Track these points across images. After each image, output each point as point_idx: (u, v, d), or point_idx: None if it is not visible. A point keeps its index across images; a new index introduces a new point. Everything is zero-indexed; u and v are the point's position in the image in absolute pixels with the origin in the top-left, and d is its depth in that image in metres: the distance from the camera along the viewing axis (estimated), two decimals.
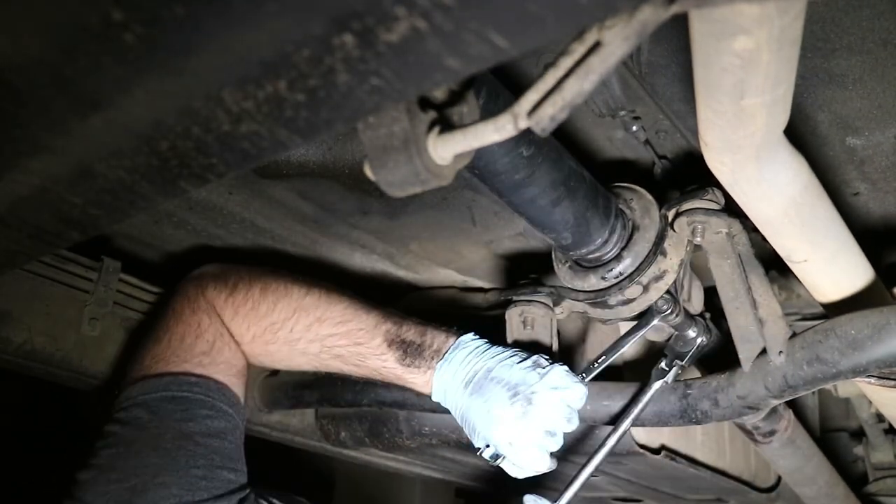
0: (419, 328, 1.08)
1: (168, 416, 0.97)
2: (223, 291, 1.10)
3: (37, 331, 1.18)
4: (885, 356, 0.84)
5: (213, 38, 0.40)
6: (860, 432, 2.07)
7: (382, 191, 0.58)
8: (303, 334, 1.08)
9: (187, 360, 1.03)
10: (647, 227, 0.98)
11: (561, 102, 0.47)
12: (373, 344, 1.07)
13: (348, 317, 1.08)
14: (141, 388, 1.00)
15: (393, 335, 1.07)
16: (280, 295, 1.09)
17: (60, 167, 0.54)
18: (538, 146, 0.80)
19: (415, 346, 1.06)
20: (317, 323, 1.08)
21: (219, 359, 1.06)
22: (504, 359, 1.01)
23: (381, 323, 1.08)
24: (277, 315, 1.08)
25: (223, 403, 1.03)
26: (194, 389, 1.01)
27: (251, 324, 1.09)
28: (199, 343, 1.05)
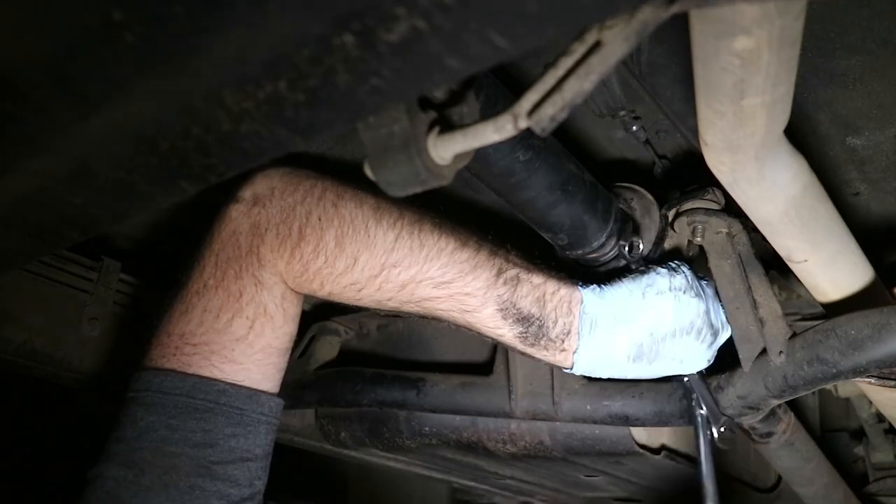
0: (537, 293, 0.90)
1: (187, 438, 0.83)
2: (287, 243, 0.86)
3: (37, 331, 1.18)
4: (885, 356, 0.84)
5: (213, 38, 0.40)
6: (860, 432, 2.06)
7: (382, 191, 0.58)
8: (395, 294, 0.89)
9: (217, 349, 0.86)
10: (648, 227, 0.98)
11: (561, 102, 0.47)
12: (484, 313, 0.89)
13: (451, 276, 0.88)
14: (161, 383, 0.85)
15: (507, 303, 0.89)
16: (361, 247, 0.86)
17: (60, 167, 0.54)
18: (536, 149, 0.80)
19: (535, 321, 0.89)
20: (412, 283, 0.88)
21: (256, 345, 0.88)
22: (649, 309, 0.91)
23: (492, 286, 0.89)
24: (359, 273, 0.87)
25: (254, 412, 0.88)
26: (221, 400, 0.85)
27: (325, 282, 0.88)
28: (235, 323, 0.86)
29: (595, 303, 0.92)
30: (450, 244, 0.89)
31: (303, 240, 0.86)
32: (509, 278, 0.90)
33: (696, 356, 0.95)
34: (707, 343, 0.94)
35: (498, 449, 1.31)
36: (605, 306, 0.92)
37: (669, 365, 0.94)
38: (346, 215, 0.88)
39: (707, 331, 0.94)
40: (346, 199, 0.89)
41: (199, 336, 0.86)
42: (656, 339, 0.92)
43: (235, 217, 0.89)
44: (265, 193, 0.89)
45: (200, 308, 0.87)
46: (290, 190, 0.89)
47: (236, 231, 0.88)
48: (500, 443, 1.30)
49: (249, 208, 0.88)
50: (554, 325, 0.90)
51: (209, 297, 0.87)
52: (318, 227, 0.87)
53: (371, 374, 1.24)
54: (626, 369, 0.93)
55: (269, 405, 0.90)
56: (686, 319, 0.93)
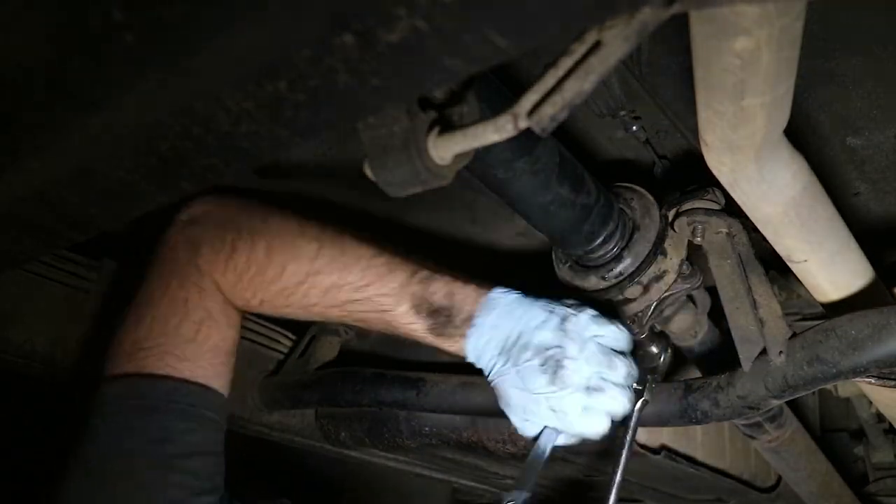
0: (448, 288, 0.97)
1: (144, 436, 0.88)
2: (221, 254, 0.95)
3: (37, 331, 1.18)
4: (885, 356, 0.84)
5: (213, 38, 0.40)
6: (860, 432, 2.07)
7: (382, 191, 0.58)
8: (319, 300, 0.97)
9: (170, 350, 0.92)
10: (648, 227, 0.98)
11: (561, 102, 0.47)
12: (399, 311, 0.97)
13: (368, 279, 0.96)
14: (117, 391, 0.91)
15: (420, 300, 0.96)
16: (288, 256, 0.96)
17: (60, 167, 0.54)
18: (535, 152, 0.80)
19: (444, 313, 0.96)
20: (334, 289, 0.96)
21: (205, 346, 0.95)
22: (532, 318, 0.93)
23: (406, 285, 0.97)
24: (287, 280, 0.96)
25: (205, 409, 0.93)
26: (174, 397, 0.91)
27: (258, 290, 0.96)
28: (184, 326, 0.94)
29: (499, 297, 0.96)
30: (368, 251, 0.98)
31: (235, 251, 0.95)
32: (422, 278, 0.97)
33: (535, 384, 0.90)
34: (547, 378, 0.89)
35: (498, 449, 1.31)
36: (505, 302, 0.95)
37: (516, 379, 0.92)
38: (274, 229, 0.97)
39: (551, 367, 0.89)
40: (274, 216, 0.99)
41: (150, 340, 0.93)
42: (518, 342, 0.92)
43: (173, 236, 0.98)
44: (199, 214, 1.00)
45: (149, 317, 0.94)
46: (222, 210, 1.00)
47: (175, 248, 0.97)
48: (500, 443, 1.30)
49: (185, 227, 0.98)
50: (459, 313, 0.96)
51: (157, 307, 0.94)
52: (248, 240, 0.96)
53: (371, 374, 1.24)
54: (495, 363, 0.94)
55: (218, 401, 0.96)
56: (542, 340, 0.91)
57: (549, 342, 0.91)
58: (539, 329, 0.92)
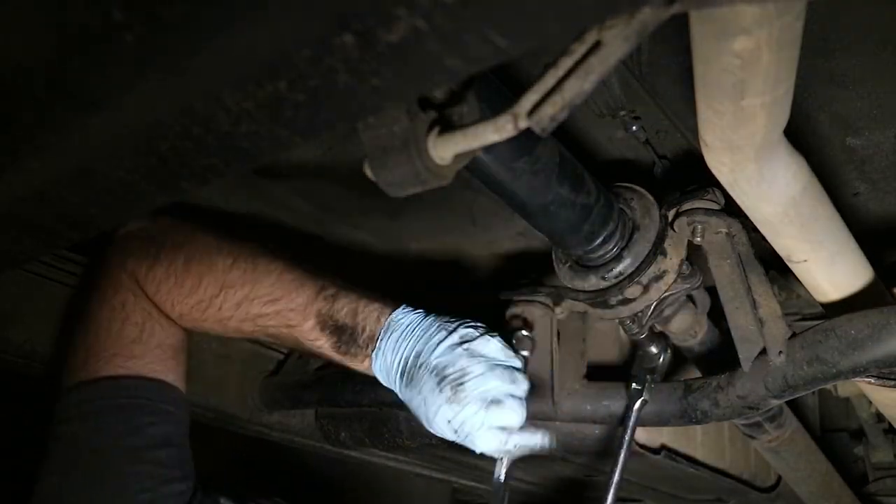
0: (352, 306, 0.99)
1: (108, 432, 0.92)
2: (144, 262, 1.00)
3: (37, 331, 1.18)
4: (884, 356, 0.84)
5: (213, 38, 0.40)
6: (860, 432, 2.07)
7: (382, 191, 0.58)
8: (233, 313, 1.00)
9: (118, 351, 0.96)
10: (648, 227, 0.98)
11: (561, 102, 0.47)
12: (305, 327, 0.99)
13: (277, 294, 0.99)
14: (77, 398, 0.95)
15: (325, 317, 0.99)
16: (204, 269, 0.99)
17: (60, 167, 0.54)
18: (535, 153, 0.80)
19: (347, 330, 0.98)
20: (246, 301, 0.99)
21: (151, 343, 0.98)
22: (428, 339, 0.94)
23: (312, 302, 0.99)
24: (203, 293, 0.99)
25: (163, 402, 0.96)
26: (131, 394, 0.94)
27: (175, 301, 1.00)
28: (127, 328, 0.98)
29: (400, 317, 0.99)
30: (279, 267, 1.01)
31: (157, 262, 1.00)
32: (328, 295, 1.00)
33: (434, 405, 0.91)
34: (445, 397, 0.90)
35: None
36: (405, 322, 0.98)
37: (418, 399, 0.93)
38: (195, 244, 1.02)
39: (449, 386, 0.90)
40: (197, 233, 1.04)
41: (98, 346, 0.97)
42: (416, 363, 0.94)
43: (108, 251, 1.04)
44: (133, 230, 1.05)
45: (94, 327, 0.99)
46: (154, 226, 1.05)
47: (108, 259, 1.03)
48: None
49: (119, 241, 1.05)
50: (362, 332, 0.99)
51: (98, 316, 0.99)
52: (171, 252, 1.01)
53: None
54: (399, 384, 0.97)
55: (174, 395, 1.00)
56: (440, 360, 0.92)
57: (448, 361, 0.92)
58: (437, 348, 0.93)
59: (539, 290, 1.13)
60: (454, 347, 0.93)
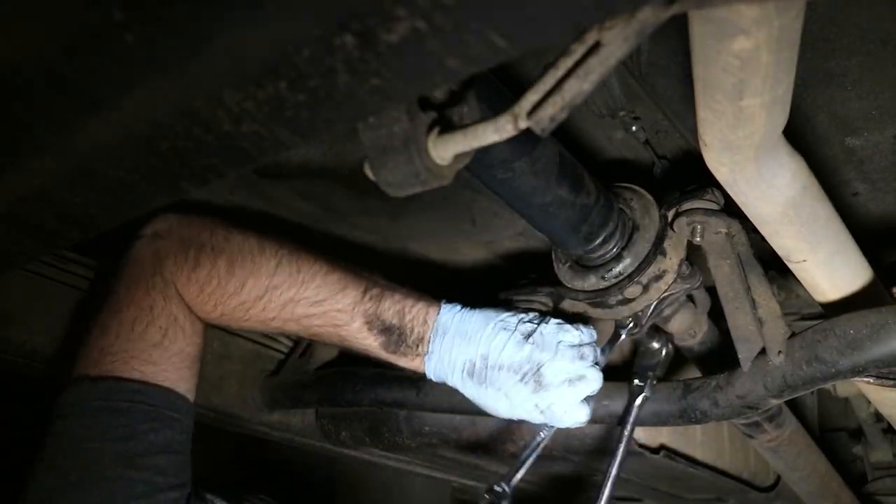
0: (398, 307, 1.02)
1: (107, 435, 0.90)
2: (184, 266, 0.99)
3: (38, 331, 1.18)
4: (883, 356, 0.84)
5: (214, 38, 0.40)
6: (859, 432, 2.07)
7: (382, 191, 0.58)
8: (277, 313, 1.01)
9: (135, 354, 0.95)
10: (647, 227, 0.98)
11: (561, 103, 0.47)
12: (352, 327, 1.01)
13: (323, 295, 1.01)
14: (79, 394, 0.93)
15: (372, 316, 1.01)
16: (248, 271, 1.00)
17: (61, 167, 0.54)
18: (534, 153, 0.80)
19: (396, 331, 1.01)
20: (291, 303, 1.01)
21: (171, 349, 0.98)
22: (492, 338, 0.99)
23: (359, 302, 1.01)
24: (247, 294, 1.00)
25: (168, 409, 0.96)
26: (137, 398, 0.93)
27: (218, 303, 1.00)
28: (150, 331, 0.97)
29: (448, 317, 1.02)
30: (323, 268, 1.03)
31: (198, 265, 0.99)
32: (374, 295, 1.02)
33: (519, 397, 0.97)
34: (530, 388, 0.97)
35: (498, 448, 1.31)
36: (456, 323, 1.01)
37: (497, 394, 0.99)
38: (235, 246, 1.01)
39: (531, 378, 0.97)
40: (234, 234, 1.03)
41: (116, 346, 0.95)
42: (487, 364, 0.98)
43: (139, 248, 1.01)
44: (164, 229, 1.02)
45: (116, 324, 0.96)
46: (186, 226, 1.03)
47: (140, 260, 1.00)
48: (500, 442, 1.31)
49: (151, 241, 1.01)
50: (411, 333, 1.02)
51: (123, 314, 0.97)
52: (211, 255, 1.00)
53: (371, 374, 1.24)
54: (465, 383, 1.00)
55: (181, 404, 0.98)
56: (514, 359, 0.97)
57: (521, 359, 0.97)
58: (506, 350, 0.98)
59: (539, 290, 1.13)
60: (521, 345, 0.97)
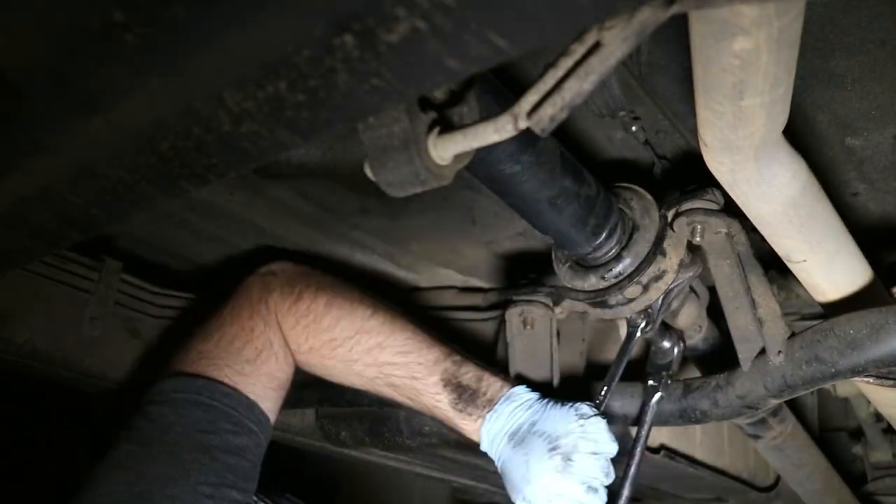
0: (477, 373, 1.06)
1: (192, 424, 0.97)
2: (288, 299, 1.09)
3: (38, 331, 1.18)
4: (883, 356, 0.84)
5: (214, 39, 0.40)
6: (859, 432, 2.07)
7: (382, 191, 0.58)
8: (361, 356, 1.07)
9: (230, 364, 1.04)
10: (647, 227, 0.98)
11: (561, 103, 0.47)
12: (429, 381, 1.06)
13: (410, 348, 1.07)
14: (174, 385, 1.01)
15: (450, 376, 1.05)
16: (345, 312, 1.09)
17: (61, 167, 0.54)
18: (537, 146, 0.80)
19: (470, 391, 1.04)
20: (377, 348, 1.07)
21: (262, 369, 1.06)
22: (545, 411, 0.99)
23: (441, 361, 1.07)
24: (339, 332, 1.08)
25: (250, 420, 1.02)
26: (224, 401, 1.01)
27: (310, 336, 1.08)
28: (246, 349, 1.06)
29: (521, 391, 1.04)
30: (413, 326, 1.11)
31: (300, 300, 1.10)
32: (456, 359, 1.08)
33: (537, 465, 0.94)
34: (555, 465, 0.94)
35: None
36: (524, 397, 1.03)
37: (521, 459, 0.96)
38: (337, 291, 1.12)
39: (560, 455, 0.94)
40: (339, 282, 1.15)
41: (215, 353, 1.05)
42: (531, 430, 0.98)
43: (252, 282, 1.14)
44: (277, 269, 1.15)
45: (218, 336, 1.07)
46: (297, 270, 1.16)
47: (250, 289, 1.13)
48: None
49: (263, 277, 1.14)
50: (483, 395, 1.04)
51: (226, 329, 1.08)
52: (313, 293, 1.10)
53: None
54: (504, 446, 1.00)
55: (263, 420, 1.06)
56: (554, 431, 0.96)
57: (562, 432, 0.96)
58: (555, 420, 0.98)
59: (539, 290, 1.13)
60: (569, 421, 0.97)
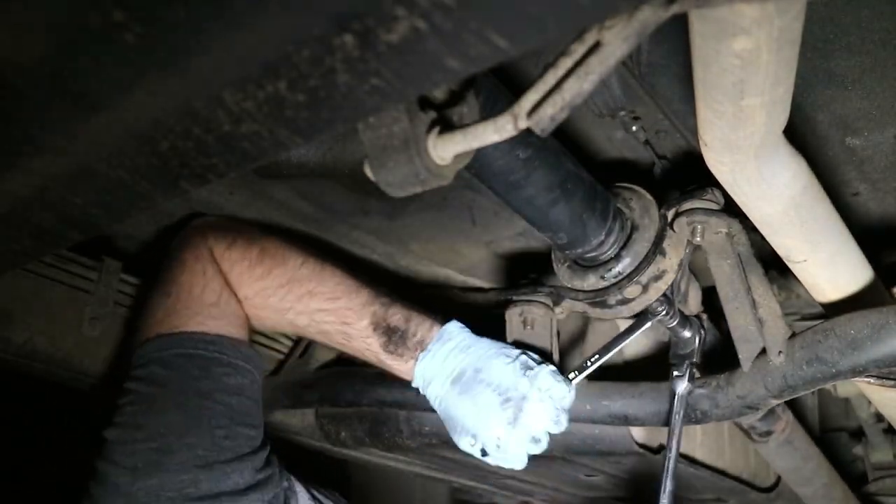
0: (405, 313, 1.07)
1: (185, 374, 0.98)
2: (222, 242, 1.10)
3: (38, 331, 1.18)
4: (884, 356, 0.84)
5: (214, 38, 0.40)
6: (859, 432, 2.07)
7: (382, 191, 0.58)
8: (293, 304, 1.08)
9: (198, 311, 1.04)
10: (647, 226, 0.98)
11: (561, 103, 0.47)
12: (359, 325, 1.07)
13: (339, 294, 1.08)
14: (155, 346, 1.01)
15: (379, 318, 1.07)
16: (277, 261, 1.09)
17: (61, 167, 0.54)
18: (535, 147, 0.80)
19: (399, 332, 1.06)
20: (308, 296, 1.08)
21: (227, 310, 1.06)
22: (491, 357, 1.01)
23: (370, 304, 1.08)
24: (271, 281, 1.08)
25: (239, 359, 1.03)
26: (209, 348, 1.01)
27: (243, 284, 1.09)
28: (206, 293, 1.06)
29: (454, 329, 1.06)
30: (342, 272, 1.12)
31: (234, 244, 1.10)
32: (384, 301, 1.09)
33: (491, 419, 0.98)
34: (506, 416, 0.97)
35: None
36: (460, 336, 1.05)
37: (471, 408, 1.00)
38: (269, 241, 1.13)
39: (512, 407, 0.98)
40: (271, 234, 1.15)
41: (178, 306, 1.04)
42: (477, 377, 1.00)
43: (187, 230, 1.15)
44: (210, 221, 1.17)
45: (175, 288, 1.07)
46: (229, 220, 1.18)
47: (187, 236, 1.13)
48: None
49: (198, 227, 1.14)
50: (413, 336, 1.06)
51: (180, 280, 1.07)
52: (246, 242, 1.11)
53: (371, 374, 1.24)
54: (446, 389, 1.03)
55: (251, 355, 1.07)
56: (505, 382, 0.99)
57: (511, 384, 0.99)
58: (501, 369, 1.00)
59: (539, 290, 1.13)
60: (518, 373, 0.99)
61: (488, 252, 1.37)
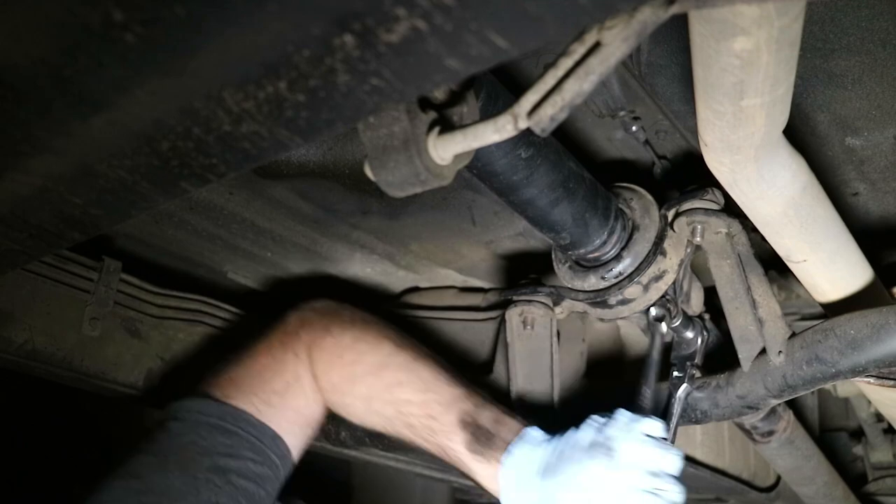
0: (496, 416, 1.01)
1: (212, 447, 0.97)
2: (317, 331, 1.10)
3: (38, 331, 1.18)
4: (884, 356, 0.84)
5: (214, 39, 0.40)
6: (859, 432, 2.07)
7: (382, 191, 0.58)
8: (380, 394, 1.05)
9: (258, 393, 1.04)
10: (647, 227, 0.98)
11: (560, 103, 0.47)
12: (445, 420, 1.02)
13: (429, 386, 1.04)
14: (199, 406, 1.01)
15: (468, 416, 1.01)
16: (369, 347, 1.08)
17: (61, 167, 0.54)
18: (537, 146, 0.80)
19: (486, 433, 1.00)
20: (397, 385, 1.05)
21: (289, 403, 1.06)
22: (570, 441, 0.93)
23: (460, 401, 1.03)
24: (360, 368, 1.07)
25: (273, 452, 1.02)
26: (248, 429, 1.01)
27: (331, 371, 1.08)
28: (275, 381, 1.06)
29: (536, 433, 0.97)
30: (435, 364, 1.09)
31: (328, 333, 1.10)
32: (475, 400, 1.04)
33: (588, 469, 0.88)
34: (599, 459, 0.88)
35: None
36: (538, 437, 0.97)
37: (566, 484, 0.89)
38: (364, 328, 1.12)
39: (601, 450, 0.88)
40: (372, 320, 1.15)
41: (244, 381, 1.06)
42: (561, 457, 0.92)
43: (289, 314, 1.15)
44: (316, 305, 1.17)
45: (249, 364, 1.08)
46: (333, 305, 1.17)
47: (286, 322, 1.14)
48: None
49: (301, 311, 1.15)
50: (501, 440, 0.99)
51: (258, 359, 1.09)
52: (341, 328, 1.11)
53: None
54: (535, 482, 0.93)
55: (286, 454, 1.04)
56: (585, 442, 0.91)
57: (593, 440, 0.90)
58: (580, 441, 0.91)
59: (539, 290, 1.13)
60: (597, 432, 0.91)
61: (488, 252, 1.37)
